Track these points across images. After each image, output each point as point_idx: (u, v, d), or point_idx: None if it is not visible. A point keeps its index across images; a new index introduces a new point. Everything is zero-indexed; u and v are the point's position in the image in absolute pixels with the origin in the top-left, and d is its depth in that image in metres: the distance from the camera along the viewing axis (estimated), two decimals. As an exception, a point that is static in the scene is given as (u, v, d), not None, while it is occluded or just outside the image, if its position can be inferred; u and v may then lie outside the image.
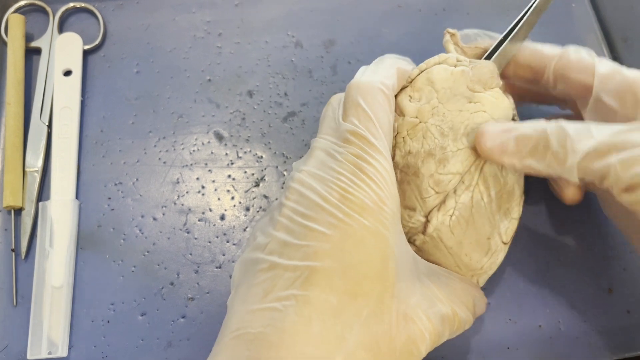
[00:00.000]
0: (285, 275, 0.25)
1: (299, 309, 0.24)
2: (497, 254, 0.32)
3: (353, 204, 0.26)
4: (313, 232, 0.25)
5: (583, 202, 0.39)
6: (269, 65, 0.43)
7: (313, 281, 0.24)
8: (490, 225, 0.31)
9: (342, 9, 0.45)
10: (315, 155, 0.28)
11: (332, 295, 0.24)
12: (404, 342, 0.25)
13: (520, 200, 0.33)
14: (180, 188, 0.40)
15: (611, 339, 0.36)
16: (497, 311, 0.37)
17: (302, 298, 0.24)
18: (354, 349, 0.24)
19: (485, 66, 0.32)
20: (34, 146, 0.39)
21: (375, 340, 0.24)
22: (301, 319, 0.24)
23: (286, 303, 0.24)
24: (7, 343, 0.35)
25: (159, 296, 0.37)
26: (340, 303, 0.24)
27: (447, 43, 0.34)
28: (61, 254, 0.37)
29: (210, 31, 0.44)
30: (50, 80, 0.41)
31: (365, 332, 0.24)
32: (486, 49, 0.34)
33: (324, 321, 0.24)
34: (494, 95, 0.32)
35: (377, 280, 0.25)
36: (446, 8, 0.46)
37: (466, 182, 0.31)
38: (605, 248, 0.38)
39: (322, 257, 0.25)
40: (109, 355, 0.35)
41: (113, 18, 0.44)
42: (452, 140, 0.30)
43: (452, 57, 0.32)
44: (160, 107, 0.42)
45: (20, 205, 0.38)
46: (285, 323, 0.23)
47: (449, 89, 0.31)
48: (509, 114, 0.32)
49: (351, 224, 0.25)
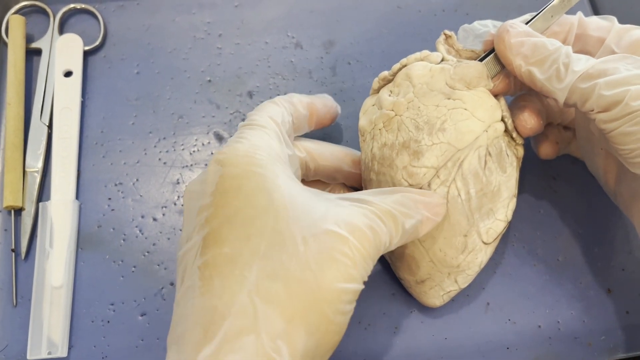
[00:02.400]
0: (188, 255, 0.26)
1: (202, 275, 0.25)
2: (475, 253, 0.32)
3: (224, 162, 0.27)
4: (202, 207, 0.26)
5: (583, 203, 0.39)
6: (269, 66, 0.44)
7: (206, 245, 0.25)
8: (468, 222, 0.31)
9: (342, 9, 0.46)
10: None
11: (224, 247, 0.25)
12: (320, 254, 0.25)
13: (509, 202, 0.33)
14: (181, 188, 0.40)
15: (611, 339, 0.36)
16: (497, 311, 0.37)
17: (202, 265, 0.25)
18: (257, 280, 0.24)
19: (472, 66, 0.32)
20: (34, 147, 0.39)
21: (282, 266, 0.24)
22: (204, 282, 0.24)
23: (193, 277, 0.25)
24: (7, 343, 0.35)
25: (159, 296, 0.37)
26: (235, 249, 0.25)
27: (438, 43, 0.34)
28: (61, 254, 0.37)
29: (210, 32, 0.45)
30: (50, 81, 0.41)
31: (267, 263, 0.24)
32: (482, 53, 0.34)
33: (222, 272, 0.24)
34: (478, 94, 0.32)
35: (267, 215, 0.25)
36: (446, 9, 0.46)
37: (442, 177, 0.31)
38: (604, 248, 0.38)
39: (210, 222, 0.26)
40: (109, 355, 0.35)
41: (113, 19, 0.44)
42: (427, 134, 0.31)
43: (436, 55, 0.33)
44: (160, 108, 0.42)
45: (20, 205, 0.38)
46: (194, 294, 0.24)
47: (425, 84, 0.32)
48: (495, 114, 0.32)
49: (224, 178, 0.26)
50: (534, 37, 0.31)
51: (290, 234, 0.25)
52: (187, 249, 0.26)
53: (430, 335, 0.36)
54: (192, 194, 0.28)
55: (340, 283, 0.25)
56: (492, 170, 0.32)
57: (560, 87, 0.29)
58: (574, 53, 0.30)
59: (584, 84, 0.28)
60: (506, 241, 0.38)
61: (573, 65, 0.29)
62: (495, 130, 0.32)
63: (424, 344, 0.36)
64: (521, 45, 0.30)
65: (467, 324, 0.36)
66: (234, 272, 0.24)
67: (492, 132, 0.31)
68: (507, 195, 0.32)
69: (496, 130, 0.32)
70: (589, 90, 0.28)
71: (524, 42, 0.30)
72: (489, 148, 0.31)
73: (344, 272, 0.25)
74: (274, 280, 0.24)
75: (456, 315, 0.36)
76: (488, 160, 0.31)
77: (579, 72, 0.28)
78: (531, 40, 0.30)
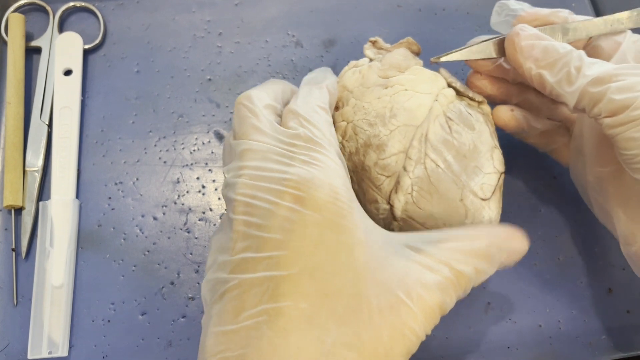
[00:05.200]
0: (253, 291, 0.24)
1: (273, 324, 0.23)
2: (479, 212, 0.32)
3: (305, 202, 0.25)
4: (269, 241, 0.24)
5: (583, 203, 0.39)
6: (269, 65, 0.43)
7: (281, 291, 0.24)
8: (457, 187, 0.31)
9: (342, 9, 0.45)
10: (250, 158, 0.27)
11: (302, 301, 0.24)
12: (392, 328, 0.24)
13: (491, 154, 0.32)
14: (181, 188, 0.40)
15: (611, 339, 0.36)
16: (497, 311, 0.37)
17: (273, 311, 0.23)
18: (334, 349, 0.23)
19: (395, 52, 0.34)
20: (34, 146, 0.39)
21: (357, 335, 0.24)
22: (276, 332, 0.23)
23: (259, 320, 0.23)
24: (8, 342, 0.35)
25: (159, 296, 0.37)
26: (312, 307, 0.24)
27: (365, 49, 0.36)
28: (61, 253, 0.37)
29: (210, 31, 0.44)
30: (50, 79, 0.41)
31: (344, 329, 0.24)
32: (409, 41, 0.36)
33: (299, 329, 0.23)
34: (413, 72, 0.33)
35: (346, 273, 0.24)
36: (446, 8, 0.46)
37: (414, 157, 0.31)
38: (605, 248, 0.38)
39: (284, 265, 0.24)
40: (109, 354, 0.35)
41: (113, 17, 0.44)
42: (382, 126, 0.32)
43: (363, 60, 0.35)
44: (160, 107, 0.42)
45: (20, 204, 0.38)
46: (262, 341, 0.23)
47: (360, 85, 0.34)
48: (438, 83, 0.33)
49: (306, 223, 0.25)
50: (545, 40, 0.30)
51: (367, 299, 0.24)
52: (242, 271, 0.25)
53: (431, 334, 0.36)
54: (253, 208, 0.25)
55: (403, 357, 0.25)
56: (460, 131, 0.32)
57: (571, 91, 0.29)
58: (588, 57, 0.29)
59: (595, 87, 0.28)
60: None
61: (585, 69, 0.29)
62: (445, 97, 0.33)
63: (425, 343, 0.35)
64: (532, 48, 0.30)
65: (467, 323, 0.36)
66: (312, 332, 0.23)
67: (443, 99, 0.32)
68: (486, 149, 0.32)
69: (447, 97, 0.33)
70: (599, 94, 0.28)
71: (535, 45, 0.30)
72: (447, 114, 0.32)
73: (409, 347, 0.25)
74: (350, 350, 0.23)
75: (457, 315, 0.36)
76: (451, 124, 0.32)
77: (590, 76, 0.28)
78: (542, 44, 0.30)
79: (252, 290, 0.24)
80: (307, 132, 0.27)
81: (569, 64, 0.29)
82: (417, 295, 0.25)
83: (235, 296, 0.24)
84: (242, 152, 0.27)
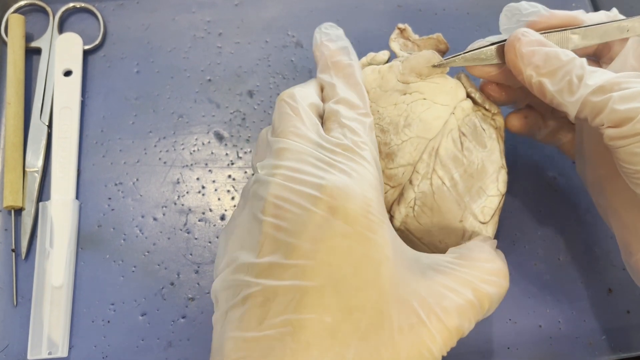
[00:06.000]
0: (277, 299, 0.24)
1: (296, 336, 0.23)
2: (476, 234, 0.32)
3: (338, 212, 0.24)
4: (298, 249, 0.24)
5: (583, 203, 0.39)
6: (269, 65, 0.43)
7: (306, 303, 0.23)
8: (459, 208, 0.31)
9: (342, 9, 0.45)
10: (287, 157, 0.26)
11: (326, 315, 0.23)
12: (411, 348, 0.24)
13: (497, 175, 0.32)
14: (181, 188, 0.40)
15: (611, 339, 0.36)
16: (497, 311, 0.36)
17: (297, 323, 0.23)
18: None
19: (419, 56, 0.31)
20: (34, 146, 0.39)
21: (377, 352, 0.24)
22: (299, 345, 0.23)
23: (282, 330, 0.23)
24: (8, 343, 0.35)
25: (159, 296, 0.37)
26: (336, 321, 0.23)
27: (391, 40, 0.34)
28: (61, 254, 0.37)
29: (210, 31, 0.44)
30: (50, 80, 0.41)
31: (365, 346, 0.23)
32: (438, 39, 0.34)
33: (321, 344, 0.23)
34: (435, 80, 0.31)
35: (371, 289, 0.24)
36: (446, 8, 0.46)
37: (421, 171, 0.31)
38: (605, 248, 0.38)
39: (310, 276, 0.24)
40: (109, 355, 0.35)
41: (113, 18, 0.44)
42: (395, 135, 0.31)
43: (382, 53, 0.33)
44: (160, 107, 0.42)
45: (20, 205, 0.38)
46: (284, 352, 0.23)
47: (378, 87, 0.32)
48: (458, 94, 0.32)
49: (336, 234, 0.24)
50: (547, 46, 0.29)
51: (389, 317, 0.24)
52: (267, 276, 0.24)
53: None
54: (285, 212, 0.25)
55: None
56: (471, 149, 0.31)
57: (572, 100, 0.28)
58: (589, 66, 0.28)
59: (597, 97, 0.27)
60: (507, 241, 0.38)
61: (587, 78, 0.28)
62: (462, 110, 0.31)
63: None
64: (533, 55, 0.29)
65: (467, 323, 0.36)
66: (333, 348, 0.23)
67: (460, 112, 0.31)
68: (493, 170, 0.32)
69: (464, 110, 0.31)
70: (602, 104, 0.27)
71: (536, 52, 0.29)
72: (461, 129, 0.31)
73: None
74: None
75: (457, 315, 0.36)
76: (464, 140, 0.31)
77: (592, 86, 0.27)
78: (543, 50, 0.29)
79: (277, 298, 0.24)
80: (350, 143, 0.27)
81: (570, 72, 0.28)
82: (436, 318, 0.25)
83: (260, 303, 0.24)
84: (278, 150, 0.26)
